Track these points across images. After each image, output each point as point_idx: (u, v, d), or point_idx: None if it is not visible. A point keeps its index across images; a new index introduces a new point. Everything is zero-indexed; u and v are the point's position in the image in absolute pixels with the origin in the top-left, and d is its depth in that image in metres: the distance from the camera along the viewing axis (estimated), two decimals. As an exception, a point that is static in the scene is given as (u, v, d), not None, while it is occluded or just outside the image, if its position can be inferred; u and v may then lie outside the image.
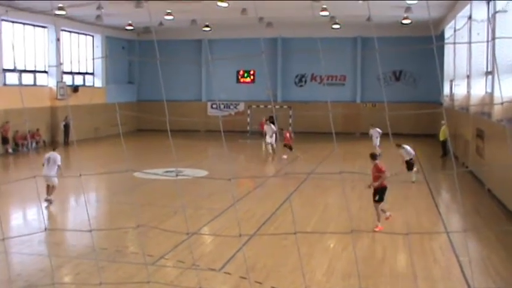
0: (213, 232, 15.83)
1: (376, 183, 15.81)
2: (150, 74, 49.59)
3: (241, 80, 49.13)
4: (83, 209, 19.06)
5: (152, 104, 47.86)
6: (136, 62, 49.25)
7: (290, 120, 46.30)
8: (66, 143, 40.05)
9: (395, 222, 16.44)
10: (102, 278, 11.65)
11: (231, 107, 49.33)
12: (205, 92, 50.20)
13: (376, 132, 32.52)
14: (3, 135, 35.00)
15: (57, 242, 15.09)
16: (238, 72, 49.00)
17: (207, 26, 43.08)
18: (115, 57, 46.66)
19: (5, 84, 35.73)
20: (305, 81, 48.49)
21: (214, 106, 49.66)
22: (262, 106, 47.63)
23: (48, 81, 40.51)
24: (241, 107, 49.11)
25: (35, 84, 39.40)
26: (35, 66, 39.43)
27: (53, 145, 20.42)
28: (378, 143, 32.16)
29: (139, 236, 15.51)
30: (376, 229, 15.74)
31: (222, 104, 49.06)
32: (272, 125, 32.96)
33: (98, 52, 45.80)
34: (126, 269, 12.72)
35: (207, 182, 23.81)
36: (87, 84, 45.46)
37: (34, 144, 37.94)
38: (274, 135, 32.42)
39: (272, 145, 32.87)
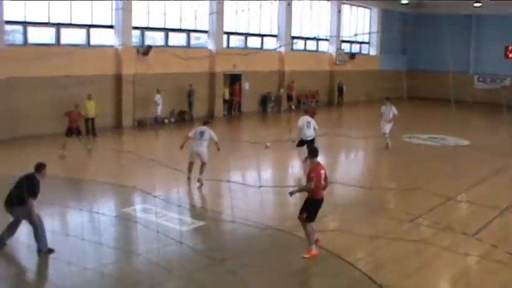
0: (471, 199, 15.28)
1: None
2: (421, 46, 48.80)
3: (510, 55, 46.22)
4: (353, 165, 19.87)
5: (421, 73, 47.35)
6: (409, 34, 48.76)
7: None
8: (340, 103, 41.63)
9: None
10: (362, 229, 12.18)
11: (497, 81, 46.91)
12: (472, 65, 48.22)
13: (389, 112, 22.94)
14: (288, 93, 37.32)
15: (328, 192, 15.95)
16: (506, 48, 46.15)
17: (477, 1, 41.37)
18: (389, 29, 46.69)
19: (292, 49, 37.95)
20: None
21: (480, 79, 47.70)
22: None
23: (328, 48, 42.08)
24: (508, 81, 46.45)
25: (317, 50, 41.24)
26: (318, 35, 41.01)
27: (209, 119, 18.27)
28: (388, 131, 22.76)
29: (400, 194, 15.73)
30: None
31: (489, 78, 46.91)
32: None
33: (374, 23, 46.29)
34: (384, 223, 12.97)
35: (468, 151, 23.20)
36: (363, 52, 46.40)
37: (314, 103, 39.93)
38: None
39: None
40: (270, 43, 36.77)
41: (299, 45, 39.37)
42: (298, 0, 37.06)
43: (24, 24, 24.30)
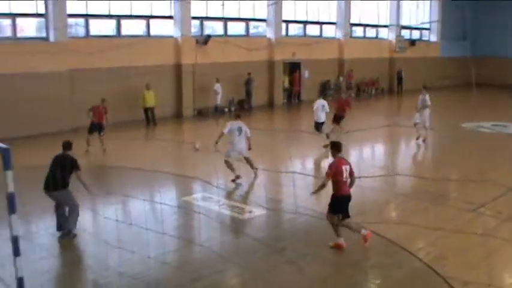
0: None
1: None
2: (483, 31, 47.25)
3: None
4: (413, 154, 19.46)
5: (484, 59, 45.77)
6: (470, 20, 47.22)
7: None
8: (400, 91, 40.77)
9: None
10: (423, 218, 11.92)
11: None
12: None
13: (425, 100, 21.00)
14: (347, 81, 36.76)
15: (389, 182, 15.68)
16: None
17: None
18: (451, 14, 45.32)
19: (351, 37, 37.34)
20: None
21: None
22: None
23: (388, 34, 41.21)
24: None
25: (376, 37, 40.47)
26: (378, 21, 40.32)
27: (238, 112, 16.80)
28: (420, 121, 21.02)
29: (461, 184, 15.33)
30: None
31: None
32: None
33: (435, 9, 45.01)
34: (445, 213, 12.61)
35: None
36: (423, 38, 45.26)
37: (373, 91, 39.35)
38: None
39: None
40: (329, 31, 36.27)
41: (358, 32, 38.72)
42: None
43: (86, 17, 24.68)
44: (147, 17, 26.82)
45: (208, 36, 28.33)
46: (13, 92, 21.61)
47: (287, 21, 33.47)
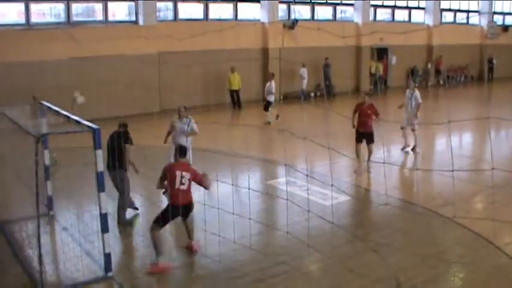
0: None
1: None
2: None
3: None
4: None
5: None
6: None
7: None
8: (490, 79, 38.44)
9: None
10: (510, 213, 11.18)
11: None
12: None
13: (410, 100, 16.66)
14: (436, 68, 35.03)
15: (476, 174, 14.47)
16: None
17: None
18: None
19: (441, 23, 35.43)
20: None
21: None
22: None
23: (480, 20, 38.94)
24: None
25: (467, 23, 38.30)
26: (468, 6, 38.18)
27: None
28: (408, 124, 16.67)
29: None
30: None
31: None
32: None
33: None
34: None
35: None
36: (517, 23, 42.60)
37: (462, 78, 37.34)
38: None
39: None
40: (418, 16, 34.59)
41: (448, 17, 36.68)
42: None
43: (175, 0, 24.35)
44: (235, 1, 26.62)
45: (295, 21, 27.57)
46: (103, 74, 21.94)
47: (375, 6, 32.11)
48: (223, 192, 12.22)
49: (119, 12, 23.46)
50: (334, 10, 30.51)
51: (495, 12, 39.64)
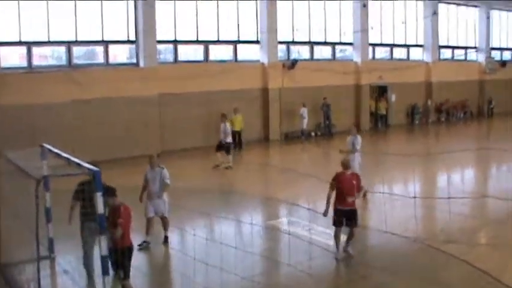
0: None
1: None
2: None
3: None
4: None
5: None
6: None
7: None
8: (490, 115, 38.56)
9: None
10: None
11: None
12: None
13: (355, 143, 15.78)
14: (437, 107, 35.26)
15: (480, 206, 14.42)
16: None
17: None
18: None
19: (439, 60, 35.71)
20: None
21: None
22: None
23: (477, 56, 39.26)
24: None
25: (465, 59, 38.56)
26: (466, 43, 38.55)
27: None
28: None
29: None
30: None
31: None
32: None
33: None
34: None
35: None
36: (515, 59, 42.88)
37: (462, 115, 37.45)
38: None
39: None
40: (416, 53, 34.92)
41: (446, 54, 36.96)
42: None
43: (175, 43, 24.73)
44: (235, 42, 26.68)
45: (295, 61, 27.78)
46: (104, 115, 21.94)
47: (374, 45, 32.41)
48: (228, 230, 12.32)
49: (120, 54, 23.73)
50: (333, 49, 30.82)
51: (492, 48, 40.00)
